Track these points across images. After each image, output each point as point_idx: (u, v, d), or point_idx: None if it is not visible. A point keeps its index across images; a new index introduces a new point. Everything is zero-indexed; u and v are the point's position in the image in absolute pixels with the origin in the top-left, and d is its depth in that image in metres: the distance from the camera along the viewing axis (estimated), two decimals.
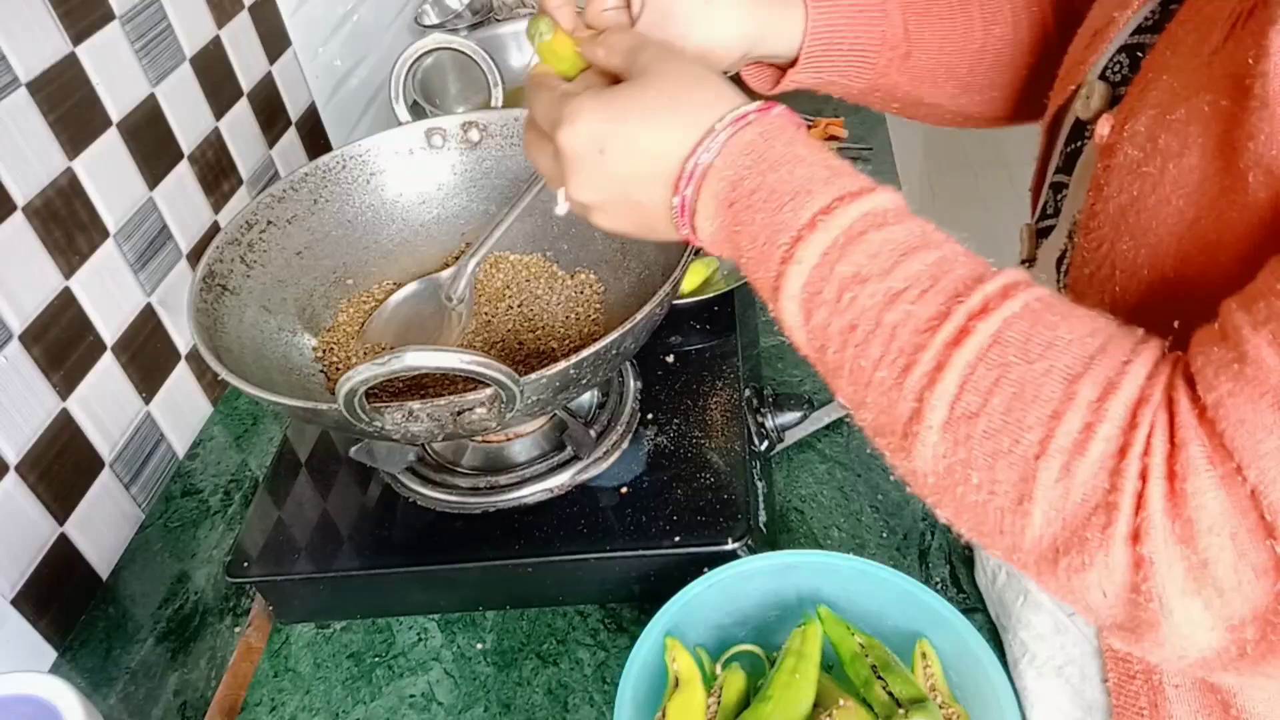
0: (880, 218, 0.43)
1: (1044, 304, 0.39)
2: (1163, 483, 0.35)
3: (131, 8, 0.90)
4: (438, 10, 1.46)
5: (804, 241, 0.43)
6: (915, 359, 0.40)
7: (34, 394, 0.79)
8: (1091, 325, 0.39)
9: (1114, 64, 0.53)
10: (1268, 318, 0.34)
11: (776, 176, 0.45)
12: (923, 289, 0.40)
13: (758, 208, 0.45)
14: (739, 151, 0.46)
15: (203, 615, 0.82)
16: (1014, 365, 0.38)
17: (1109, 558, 0.36)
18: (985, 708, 0.59)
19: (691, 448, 0.78)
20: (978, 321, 0.39)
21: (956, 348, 0.39)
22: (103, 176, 0.86)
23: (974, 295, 0.39)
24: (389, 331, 0.81)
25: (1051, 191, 0.60)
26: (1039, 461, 0.37)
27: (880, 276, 0.41)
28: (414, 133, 0.86)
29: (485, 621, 0.77)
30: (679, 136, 0.47)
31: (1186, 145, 0.42)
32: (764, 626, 0.66)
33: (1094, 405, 0.36)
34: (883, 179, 0.45)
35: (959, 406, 0.38)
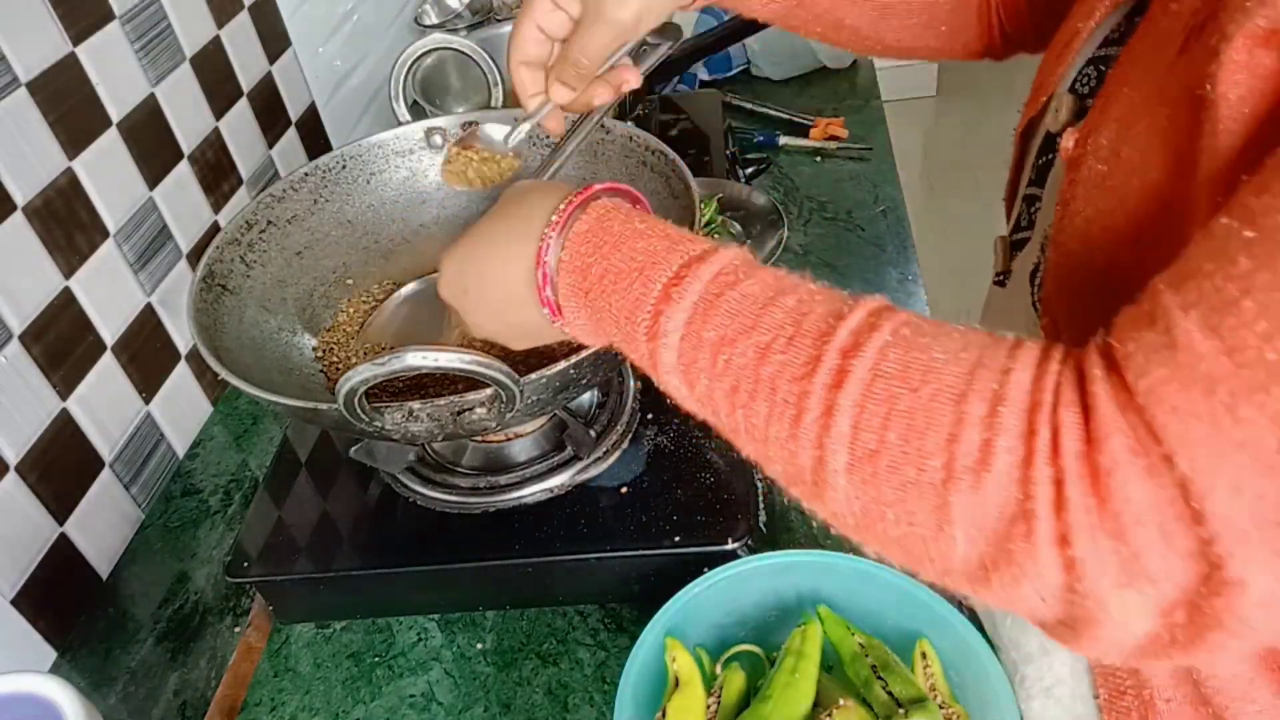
0: (731, 275, 0.44)
1: (911, 327, 0.40)
2: (1081, 481, 0.34)
3: (131, 8, 0.90)
4: (438, 10, 1.46)
5: (664, 315, 0.44)
6: (803, 407, 0.40)
7: (34, 394, 0.79)
8: (963, 340, 0.39)
9: (1083, 76, 0.53)
10: (1198, 299, 0.33)
11: (619, 255, 0.46)
12: (789, 336, 0.41)
13: (610, 290, 0.46)
14: (579, 241, 0.48)
15: (203, 615, 0.82)
16: (900, 395, 0.38)
17: (1038, 564, 0.36)
18: (985, 708, 0.59)
19: (691, 448, 0.78)
20: (852, 360, 0.39)
21: (839, 390, 0.39)
22: (103, 176, 0.86)
23: (840, 331, 0.40)
24: (389, 331, 0.81)
25: (1025, 204, 0.60)
26: (948, 486, 0.36)
27: (746, 333, 0.42)
28: (414, 133, 0.86)
29: (485, 621, 0.77)
30: (520, 251, 0.50)
31: (1149, 159, 0.42)
32: (764, 626, 0.66)
33: (986, 420, 0.36)
34: (882, 179, 0.45)
35: (858, 446, 0.38)
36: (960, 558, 0.38)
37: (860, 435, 0.38)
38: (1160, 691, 0.54)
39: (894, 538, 0.39)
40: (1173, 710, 0.53)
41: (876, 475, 0.38)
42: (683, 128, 1.24)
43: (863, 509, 0.40)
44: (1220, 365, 0.32)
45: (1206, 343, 0.33)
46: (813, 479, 0.41)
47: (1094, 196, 0.45)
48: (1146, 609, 0.35)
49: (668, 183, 0.76)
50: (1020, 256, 0.60)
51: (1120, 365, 0.35)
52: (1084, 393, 0.36)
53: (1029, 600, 0.37)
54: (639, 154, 0.80)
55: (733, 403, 0.42)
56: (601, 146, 0.82)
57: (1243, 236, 0.33)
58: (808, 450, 0.40)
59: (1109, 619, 0.36)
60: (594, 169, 0.83)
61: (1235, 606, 0.33)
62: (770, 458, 0.43)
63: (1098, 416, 0.35)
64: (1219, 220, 0.34)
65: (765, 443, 0.42)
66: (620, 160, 0.81)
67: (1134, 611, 0.36)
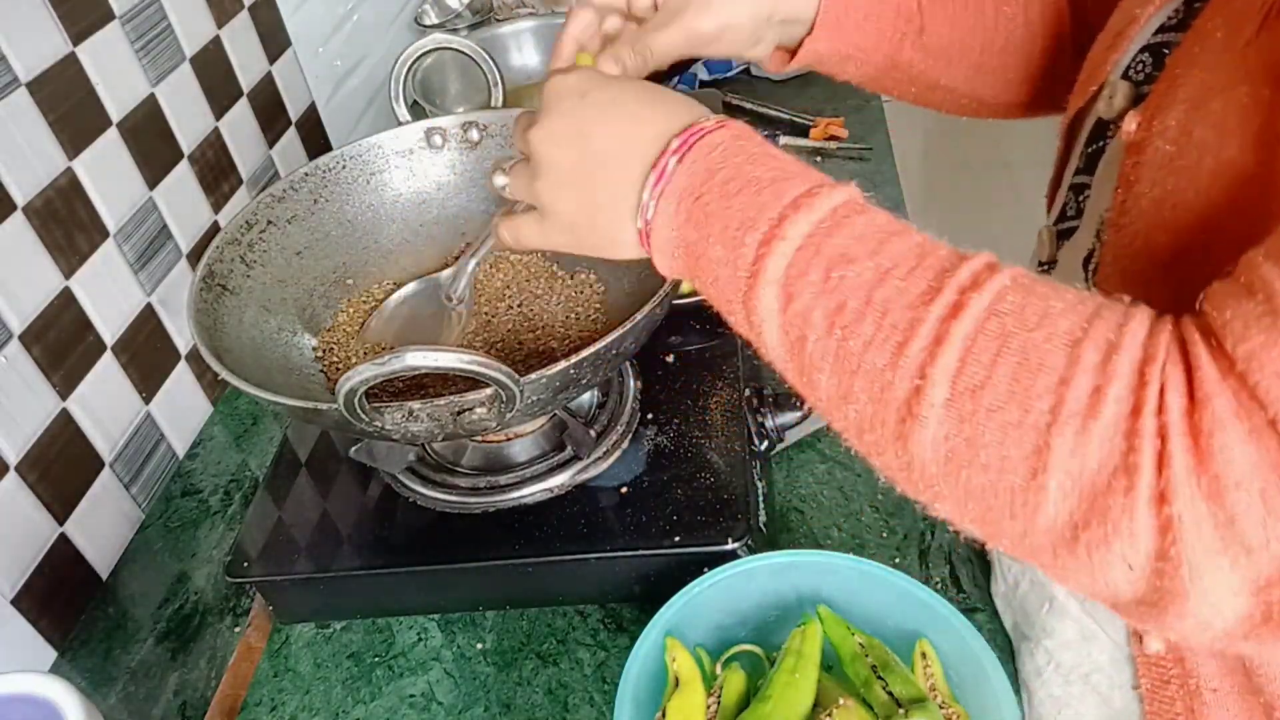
0: (860, 205, 0.43)
1: (1030, 278, 0.39)
2: (1184, 438, 0.34)
3: (131, 8, 0.90)
4: (438, 10, 1.46)
5: (789, 220, 0.42)
6: (912, 334, 0.38)
7: (34, 394, 0.79)
8: (1078, 295, 0.38)
9: (1136, 63, 0.53)
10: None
11: (753, 168, 0.45)
12: (910, 267, 0.40)
13: (734, 194, 0.44)
14: (710, 148, 0.46)
15: (203, 615, 0.82)
16: (1014, 334, 0.37)
17: (1134, 523, 0.35)
18: (985, 708, 0.59)
19: (691, 448, 0.78)
20: (971, 294, 0.38)
21: (954, 320, 0.38)
22: (103, 176, 0.86)
23: (962, 270, 0.39)
24: (389, 331, 0.81)
25: (1072, 193, 0.60)
26: (1051, 430, 0.35)
27: (869, 255, 0.41)
28: (414, 133, 0.86)
29: (485, 621, 0.77)
30: (666, 115, 0.48)
31: (1225, 138, 0.42)
32: (764, 626, 0.66)
33: (1100, 366, 0.35)
34: (883, 179, 0.45)
35: (962, 380, 0.37)
36: (1049, 513, 0.36)
37: (967, 368, 0.37)
38: (1207, 681, 0.53)
39: (978, 487, 0.38)
40: (1220, 700, 0.52)
41: (976, 413, 0.37)
42: None
43: (950, 452, 0.38)
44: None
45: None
46: (902, 414, 0.39)
47: (1161, 177, 0.45)
48: (1240, 583, 0.34)
49: None
50: (1068, 245, 0.60)
51: (1218, 333, 0.35)
52: (1186, 354, 0.35)
53: (1114, 567, 0.36)
54: None
55: (833, 323, 0.41)
56: None
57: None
58: (906, 380, 0.39)
59: (1198, 592, 0.35)
60: None
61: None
62: (853, 394, 0.41)
63: (1199, 378, 0.34)
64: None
65: (854, 374, 0.40)
66: None
67: (1225, 585, 0.35)
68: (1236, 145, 0.41)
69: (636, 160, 0.48)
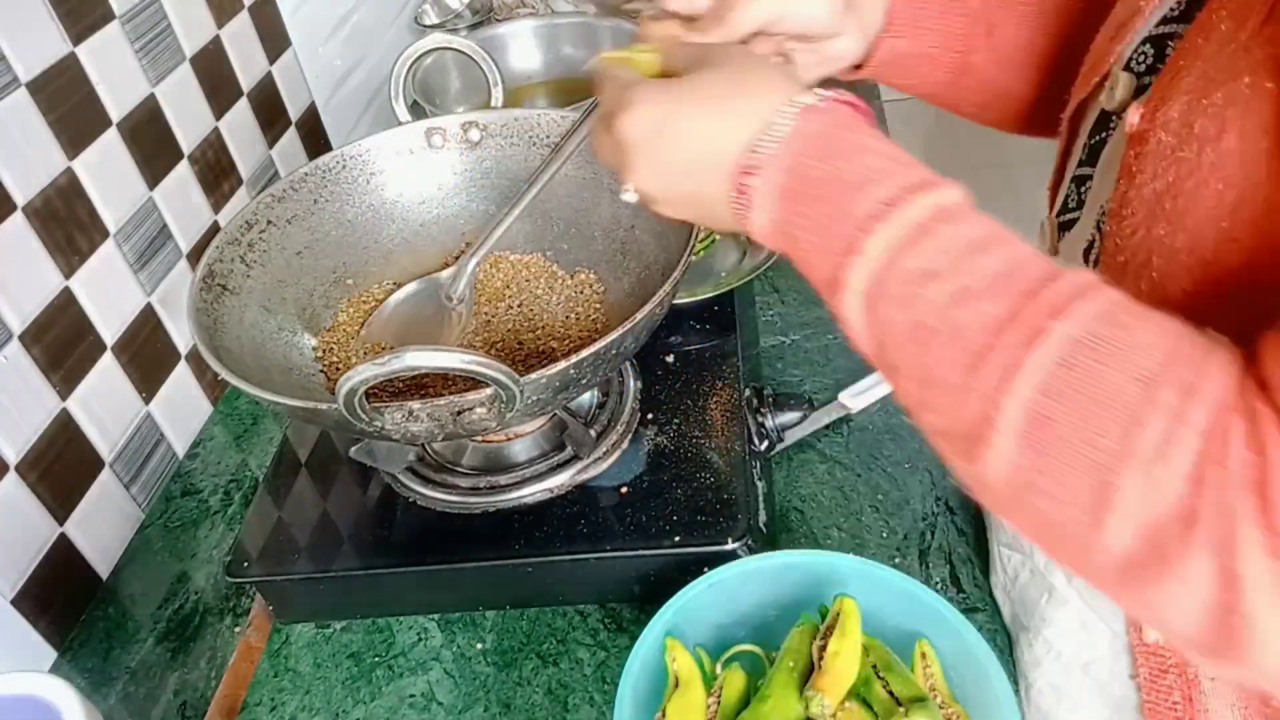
0: (949, 212, 0.42)
1: (1117, 305, 0.38)
2: (1249, 494, 0.34)
3: (131, 8, 0.90)
4: (438, 10, 1.46)
5: (870, 233, 0.42)
6: (986, 359, 0.38)
7: (34, 394, 0.79)
8: (1161, 327, 0.38)
9: (1139, 55, 0.53)
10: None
11: (841, 166, 0.44)
12: (993, 287, 0.39)
13: (821, 198, 0.44)
14: (802, 142, 0.45)
15: (203, 615, 0.82)
16: (1090, 368, 0.36)
17: (1191, 570, 0.34)
18: (985, 708, 0.59)
19: (691, 448, 0.78)
20: (1051, 321, 0.37)
21: (1030, 349, 0.37)
22: (103, 176, 0.86)
23: (1045, 294, 0.38)
24: (389, 331, 0.81)
25: (1074, 185, 0.60)
26: (1120, 469, 0.35)
27: (950, 273, 0.40)
28: (414, 133, 0.86)
29: (485, 621, 0.77)
30: (737, 125, 0.46)
31: (1225, 128, 0.42)
32: (764, 626, 0.66)
33: (1176, 410, 0.35)
34: None
35: (1034, 410, 0.37)
36: (1112, 549, 0.36)
37: (1039, 399, 0.37)
38: (1205, 670, 0.53)
39: (1043, 513, 0.38)
40: (1217, 689, 0.53)
41: (1045, 444, 0.37)
42: None
43: (1017, 477, 0.38)
44: None
45: None
46: (973, 436, 0.39)
47: (1163, 168, 0.45)
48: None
49: None
50: (1069, 237, 0.60)
51: (1269, 385, 0.35)
52: (1249, 407, 0.35)
53: (1170, 609, 0.36)
54: None
55: (911, 338, 0.41)
56: None
57: None
58: (977, 404, 0.38)
59: (1259, 643, 0.35)
60: (594, 168, 0.83)
61: None
62: (929, 405, 0.41)
63: (1263, 434, 0.34)
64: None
65: (931, 387, 0.40)
66: None
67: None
68: (1236, 136, 0.41)
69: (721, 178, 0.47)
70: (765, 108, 0.46)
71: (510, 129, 0.85)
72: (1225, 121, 0.42)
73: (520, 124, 0.85)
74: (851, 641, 0.59)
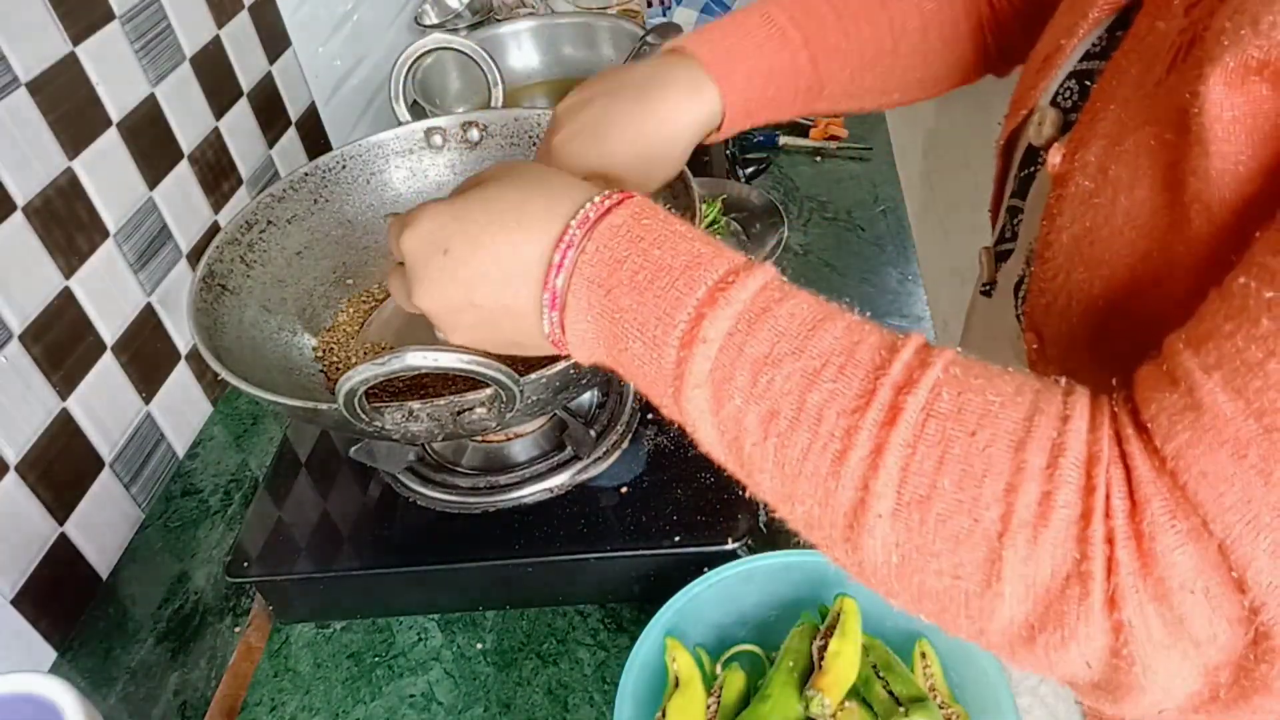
0: (777, 291, 0.41)
1: (963, 367, 0.38)
2: (1130, 542, 0.34)
3: (131, 8, 0.90)
4: (438, 10, 1.46)
5: (706, 319, 0.40)
6: (850, 443, 0.37)
7: (34, 394, 0.79)
8: (1014, 383, 0.37)
9: (1065, 90, 0.53)
10: (1219, 361, 0.33)
11: (660, 254, 0.42)
12: (839, 365, 0.38)
13: (644, 288, 0.41)
14: (611, 234, 0.43)
15: (203, 615, 0.82)
16: (955, 439, 0.36)
17: (1089, 628, 0.34)
18: (985, 708, 0.59)
19: (691, 448, 0.77)
20: (905, 395, 0.36)
21: (892, 427, 0.36)
22: (103, 176, 0.86)
23: (894, 366, 0.37)
24: (389, 331, 0.81)
25: (1009, 215, 0.60)
26: (1003, 539, 0.35)
27: (794, 355, 0.38)
28: (414, 133, 0.86)
29: (485, 621, 0.77)
30: (537, 229, 0.44)
31: (1137, 177, 0.41)
32: (764, 626, 0.66)
33: (1046, 471, 0.34)
34: (882, 179, 0.45)
35: (907, 491, 0.36)
36: (1005, 617, 0.36)
37: (910, 479, 0.36)
38: None
39: (932, 591, 0.37)
40: None
41: (924, 523, 0.36)
42: None
43: (902, 559, 0.37)
44: (1248, 429, 0.32)
45: (1231, 405, 0.32)
46: (849, 521, 0.38)
47: (1081, 213, 0.45)
48: (1191, 672, 0.34)
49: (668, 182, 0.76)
50: (1005, 268, 0.60)
51: (1148, 427, 0.34)
52: (1123, 452, 0.35)
53: (1072, 664, 0.36)
54: None
55: (767, 430, 0.39)
56: None
57: (1263, 297, 0.32)
58: (849, 490, 0.37)
59: (1152, 684, 0.35)
60: None
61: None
62: (796, 496, 0.39)
63: (1136, 477, 0.34)
64: (1236, 279, 0.33)
65: (796, 479, 0.39)
66: None
67: (1178, 675, 0.35)
68: (1147, 186, 0.41)
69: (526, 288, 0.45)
70: (564, 208, 0.44)
71: (510, 129, 0.85)
72: (1137, 170, 0.41)
73: (520, 124, 0.85)
74: (851, 641, 0.59)
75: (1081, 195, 0.45)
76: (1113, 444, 0.35)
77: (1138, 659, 0.34)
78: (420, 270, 0.47)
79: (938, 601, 0.37)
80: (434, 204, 0.48)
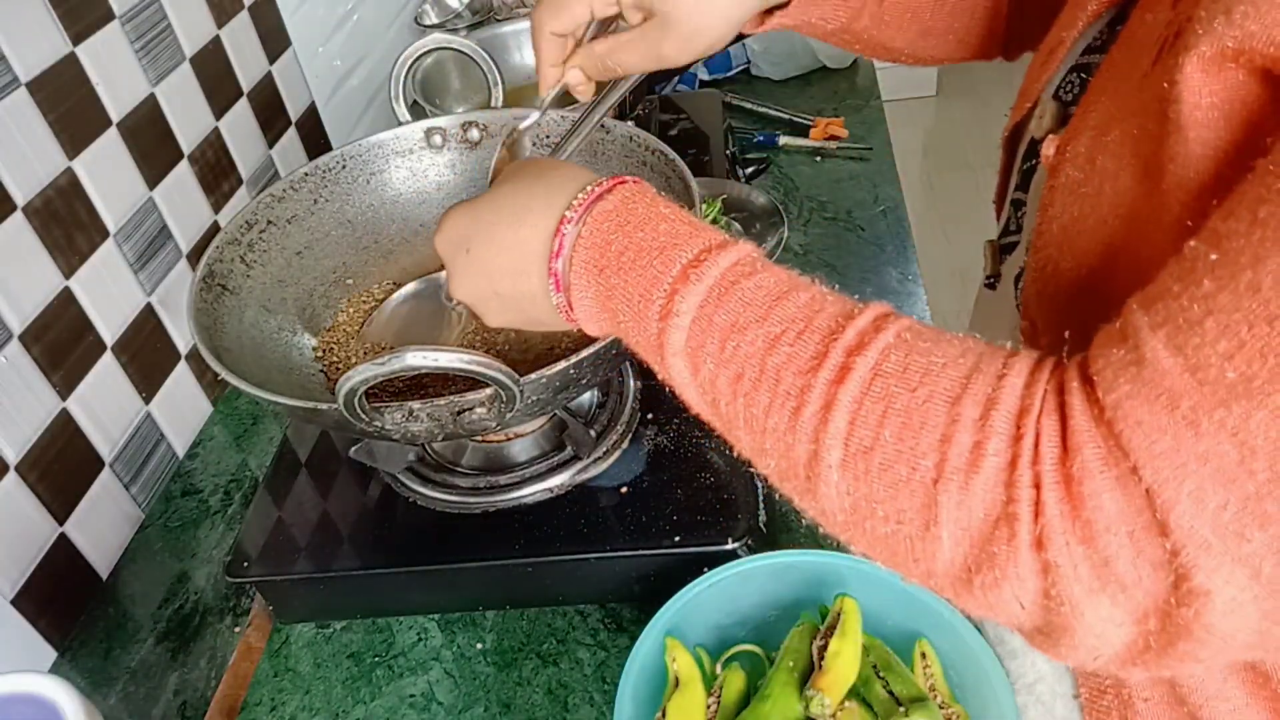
0: (748, 266, 0.44)
1: (914, 333, 0.40)
2: (1057, 487, 0.35)
3: (131, 8, 0.90)
4: (438, 10, 1.46)
5: (679, 294, 0.44)
6: (804, 400, 0.40)
7: (34, 394, 0.79)
8: (961, 347, 0.40)
9: (1067, 83, 0.54)
10: (1165, 319, 0.34)
11: (642, 235, 0.46)
12: (799, 330, 0.41)
13: (628, 268, 0.46)
14: (602, 219, 0.47)
15: (203, 615, 0.82)
16: (897, 395, 0.38)
17: (1018, 568, 0.36)
18: (985, 708, 0.59)
19: (691, 448, 0.78)
20: (855, 357, 0.39)
21: (840, 385, 0.39)
22: (103, 176, 0.86)
23: (848, 331, 0.40)
24: (389, 331, 0.81)
25: (1013, 208, 0.60)
26: (938, 485, 0.37)
27: (757, 323, 0.42)
28: (414, 133, 0.86)
29: (485, 621, 0.77)
30: (538, 221, 0.49)
31: (1121, 167, 0.43)
32: (764, 626, 0.67)
33: (978, 423, 0.37)
34: (882, 179, 0.45)
35: (853, 442, 0.39)
36: (945, 559, 0.38)
37: (856, 431, 0.39)
38: (1139, 691, 0.54)
39: (881, 536, 0.40)
40: (1151, 709, 0.54)
41: (869, 472, 0.39)
42: (683, 127, 1.24)
43: (852, 505, 0.40)
44: (1183, 382, 0.33)
45: (1170, 360, 0.34)
46: (806, 473, 0.41)
47: (1070, 203, 0.46)
48: (1120, 616, 0.36)
49: (668, 182, 0.77)
50: (1008, 260, 0.60)
51: (1093, 380, 0.36)
52: (1062, 403, 0.37)
53: (1008, 605, 0.38)
54: (639, 154, 0.80)
55: (735, 390, 0.43)
56: (601, 146, 0.82)
57: (1208, 259, 0.34)
58: (804, 444, 0.40)
59: (1083, 626, 0.37)
60: (594, 169, 0.82)
61: (1202, 616, 0.34)
62: (766, 450, 0.43)
63: (1072, 426, 0.36)
64: (1189, 243, 0.35)
65: (762, 434, 0.42)
66: (620, 160, 0.81)
67: (1107, 618, 0.36)
68: (1130, 176, 0.42)
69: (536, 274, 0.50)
70: (560, 199, 0.49)
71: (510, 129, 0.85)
72: (1121, 160, 0.43)
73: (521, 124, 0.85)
74: (851, 641, 0.60)
75: (1070, 186, 0.46)
76: (1053, 396, 0.37)
77: (1066, 599, 0.36)
78: (452, 267, 0.55)
79: (887, 546, 0.40)
80: (456, 208, 0.55)
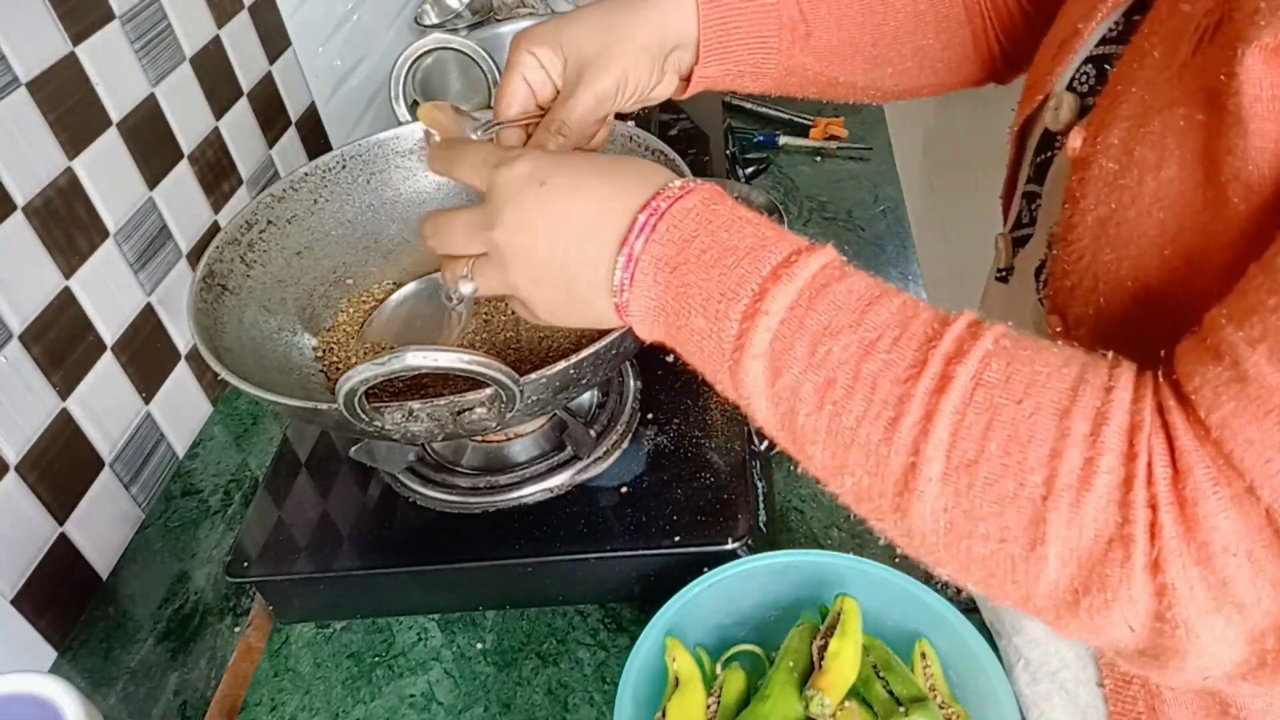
0: (838, 270, 0.43)
1: (1012, 339, 0.39)
2: (1173, 508, 0.35)
3: (131, 8, 0.90)
4: (438, 10, 1.46)
5: (769, 294, 0.42)
6: (903, 410, 0.39)
7: (34, 394, 0.79)
8: (1062, 355, 0.39)
9: (1081, 75, 0.53)
10: (1264, 334, 0.34)
11: (727, 235, 0.44)
12: (894, 337, 0.40)
13: (710, 265, 0.44)
14: (682, 215, 0.46)
15: (203, 615, 0.82)
16: (1003, 406, 0.37)
17: (1132, 590, 0.35)
18: (985, 708, 0.59)
19: (691, 448, 0.78)
20: (955, 365, 0.38)
21: (942, 395, 0.38)
22: (103, 176, 0.86)
23: (945, 338, 0.39)
24: (389, 331, 0.81)
25: (1025, 201, 0.60)
26: (1047, 503, 0.36)
27: (851, 328, 0.41)
28: (414, 133, 0.86)
29: (485, 621, 0.77)
30: (630, 191, 0.47)
31: (1164, 158, 0.42)
32: (764, 626, 0.66)
33: (1089, 438, 0.36)
34: (882, 179, 0.45)
35: (955, 455, 0.38)
36: (1050, 580, 0.37)
37: (959, 443, 0.38)
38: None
39: (979, 556, 0.39)
40: (1178, 698, 0.53)
41: (972, 486, 0.37)
42: (683, 128, 1.24)
43: (949, 524, 0.38)
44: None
45: (1277, 376, 0.33)
46: (899, 488, 0.39)
47: (1105, 195, 0.45)
48: (1234, 635, 0.35)
49: None
50: (1023, 253, 0.60)
51: (1191, 399, 0.35)
52: (1165, 422, 0.36)
53: (1116, 628, 0.37)
54: (639, 153, 0.80)
55: (822, 399, 0.41)
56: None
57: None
58: (901, 456, 0.39)
59: (1196, 647, 0.36)
60: None
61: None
62: (848, 467, 0.41)
63: (1179, 447, 0.35)
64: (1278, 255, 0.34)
65: (848, 448, 0.40)
66: None
67: (1222, 639, 0.35)
68: (1176, 166, 0.41)
69: (607, 241, 0.47)
70: (655, 179, 0.47)
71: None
72: (1164, 150, 0.42)
73: None
74: (851, 641, 0.60)
75: (1105, 177, 0.45)
76: (1155, 414, 0.36)
77: (1181, 622, 0.35)
78: (510, 200, 0.49)
79: (984, 566, 0.39)
80: (533, 151, 0.50)
